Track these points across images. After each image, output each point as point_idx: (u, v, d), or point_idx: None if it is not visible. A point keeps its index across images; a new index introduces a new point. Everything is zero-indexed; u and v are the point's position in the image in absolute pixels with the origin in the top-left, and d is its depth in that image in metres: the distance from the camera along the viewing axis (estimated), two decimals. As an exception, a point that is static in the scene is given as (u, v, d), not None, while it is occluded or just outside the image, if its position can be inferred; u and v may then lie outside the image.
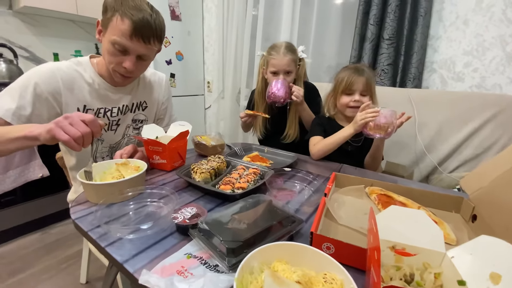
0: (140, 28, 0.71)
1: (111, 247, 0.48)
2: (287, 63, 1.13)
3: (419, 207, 0.60)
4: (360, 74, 1.01)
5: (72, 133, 0.56)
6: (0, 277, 1.29)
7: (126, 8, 0.70)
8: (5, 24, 1.71)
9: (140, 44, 0.73)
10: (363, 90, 1.01)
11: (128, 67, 0.75)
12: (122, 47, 0.73)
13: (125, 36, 0.71)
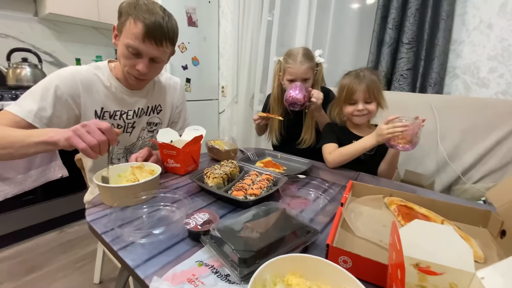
0: (153, 30, 0.72)
1: (124, 251, 0.48)
2: (305, 71, 1.11)
3: (442, 221, 0.56)
4: (361, 81, 0.96)
5: (89, 141, 0.57)
6: (19, 273, 1.33)
7: (139, 12, 0.72)
8: (31, 30, 1.80)
9: (153, 46, 0.75)
10: (366, 98, 0.97)
11: (141, 70, 0.77)
12: (135, 50, 0.74)
13: (138, 39, 0.73)
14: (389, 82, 1.49)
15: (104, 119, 0.85)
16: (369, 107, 0.98)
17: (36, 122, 0.71)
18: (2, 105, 1.32)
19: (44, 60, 1.84)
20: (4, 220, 1.45)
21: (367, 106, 0.98)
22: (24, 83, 1.56)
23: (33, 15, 1.80)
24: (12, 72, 1.55)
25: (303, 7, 1.74)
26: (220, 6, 2.28)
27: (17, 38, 1.75)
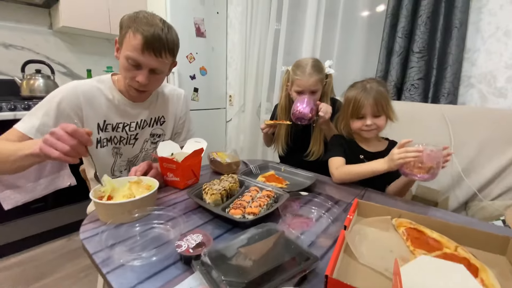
0: (151, 42, 0.73)
1: (112, 274, 0.46)
2: (313, 83, 1.08)
3: (456, 247, 0.51)
4: (368, 94, 0.91)
5: (61, 148, 0.55)
6: (27, 281, 1.34)
7: (139, 24, 0.72)
8: (46, 42, 1.87)
9: (152, 57, 0.75)
10: (374, 112, 0.92)
11: (141, 81, 0.77)
12: (135, 62, 0.75)
13: (137, 51, 0.73)
14: (399, 92, 1.44)
15: (107, 132, 0.85)
16: (378, 122, 0.93)
17: (38, 137, 0.71)
18: (15, 115, 1.36)
19: (57, 71, 1.90)
20: (15, 227, 1.48)
21: (376, 121, 0.93)
22: (37, 94, 1.61)
23: (48, 27, 1.87)
24: (26, 83, 1.60)
25: (310, 16, 1.73)
26: (228, 16, 2.31)
27: (33, 50, 1.81)
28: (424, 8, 1.25)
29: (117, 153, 0.90)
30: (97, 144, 0.86)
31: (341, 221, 0.62)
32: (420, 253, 0.50)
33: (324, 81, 1.13)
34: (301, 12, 1.86)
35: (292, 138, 1.26)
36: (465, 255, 0.48)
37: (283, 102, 1.24)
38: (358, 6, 1.59)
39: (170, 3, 1.84)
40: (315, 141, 1.19)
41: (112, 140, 0.88)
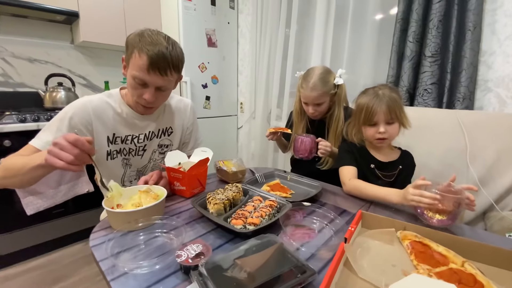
0: (156, 61, 0.75)
1: (116, 281, 0.48)
2: (316, 97, 1.10)
3: (463, 262, 0.49)
4: (381, 101, 0.89)
5: (65, 158, 0.58)
6: (46, 283, 1.41)
7: (143, 44, 0.75)
8: (68, 56, 1.99)
9: (157, 76, 0.77)
10: (387, 119, 0.89)
11: (148, 99, 0.80)
12: (141, 81, 0.78)
13: (143, 71, 0.76)
14: (412, 97, 1.41)
15: (116, 144, 0.89)
16: (391, 129, 0.90)
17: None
18: (38, 125, 1.45)
19: (78, 83, 2.01)
20: (37, 231, 1.56)
21: (389, 128, 0.90)
22: (59, 105, 1.71)
23: (70, 42, 1.99)
24: (49, 95, 1.71)
25: (319, 23, 1.73)
26: (239, 26, 2.35)
27: (56, 64, 1.94)
28: (436, 12, 1.22)
29: (126, 164, 0.94)
30: (107, 156, 0.89)
31: (343, 232, 0.61)
32: (424, 268, 0.49)
33: (332, 92, 1.13)
34: (310, 19, 1.87)
35: None
36: (471, 271, 0.46)
37: (297, 106, 1.26)
38: (367, 11, 1.58)
39: (182, 16, 1.91)
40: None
41: (122, 152, 0.91)
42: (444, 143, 1.19)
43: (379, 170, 0.96)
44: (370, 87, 0.97)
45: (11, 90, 1.79)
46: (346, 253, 0.50)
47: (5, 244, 1.46)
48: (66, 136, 0.60)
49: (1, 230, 1.44)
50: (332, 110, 1.18)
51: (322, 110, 1.15)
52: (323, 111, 1.16)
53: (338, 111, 1.16)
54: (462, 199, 0.64)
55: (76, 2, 1.70)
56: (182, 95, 2.03)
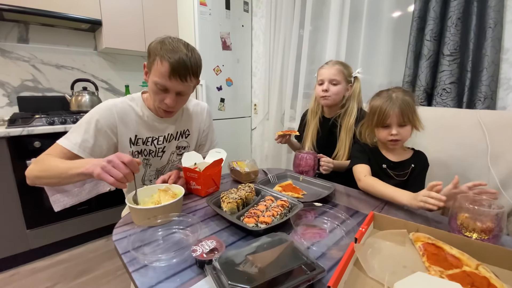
0: (177, 68, 0.79)
1: (137, 273, 0.51)
2: (334, 72, 1.15)
3: (477, 265, 0.48)
4: (394, 104, 0.90)
5: (116, 175, 0.64)
6: (70, 276, 1.50)
7: (165, 51, 0.79)
8: (91, 62, 2.11)
9: (178, 82, 0.81)
10: (400, 122, 0.90)
11: (169, 104, 0.84)
12: (163, 87, 0.82)
13: (164, 77, 0.80)
14: (430, 97, 1.37)
15: (138, 145, 0.94)
16: (403, 132, 0.91)
17: (81, 153, 0.81)
18: (65, 127, 1.55)
19: (101, 87, 2.12)
20: (63, 227, 1.66)
21: (401, 130, 0.91)
22: (84, 108, 1.81)
23: (93, 49, 2.11)
24: (75, 99, 1.82)
25: (333, 22, 1.73)
26: (253, 28, 2.39)
27: (81, 70, 2.06)
28: (454, 10, 1.19)
29: (147, 164, 0.99)
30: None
31: (355, 233, 0.62)
32: (436, 270, 0.49)
33: (348, 78, 1.18)
34: (324, 20, 1.87)
35: (318, 142, 1.28)
36: (486, 274, 0.46)
37: (312, 104, 1.31)
38: (383, 10, 1.56)
39: (198, 20, 1.97)
40: (341, 146, 1.20)
41: (143, 152, 0.96)
42: (464, 144, 1.16)
43: (391, 170, 0.96)
44: (384, 90, 0.98)
45: (40, 94, 1.92)
46: (356, 253, 0.51)
47: (35, 238, 1.57)
48: (120, 156, 0.66)
49: (32, 225, 1.54)
50: (346, 106, 1.21)
51: (335, 92, 1.16)
52: (335, 93, 1.17)
53: (352, 106, 1.19)
54: (502, 213, 0.57)
55: (99, 11, 1.80)
56: (198, 98, 2.09)
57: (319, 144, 1.28)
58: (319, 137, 1.28)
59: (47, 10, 1.63)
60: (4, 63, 1.77)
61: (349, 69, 1.19)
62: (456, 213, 0.62)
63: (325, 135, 1.27)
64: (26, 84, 1.86)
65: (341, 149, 1.19)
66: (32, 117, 1.53)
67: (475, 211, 0.59)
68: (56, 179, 0.76)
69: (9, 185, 1.44)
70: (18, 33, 1.80)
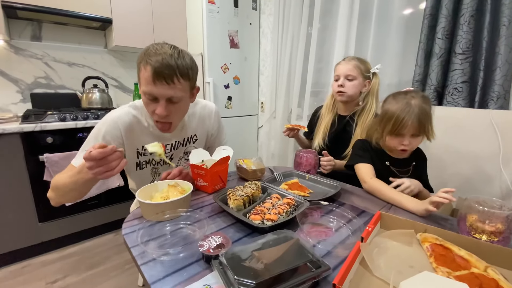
0: (160, 70, 0.71)
1: (145, 266, 0.53)
2: (350, 67, 1.14)
3: (486, 267, 0.48)
4: (412, 113, 0.84)
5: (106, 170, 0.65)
6: (80, 269, 1.54)
7: (147, 56, 0.73)
8: (101, 60, 2.15)
9: (164, 86, 0.74)
10: (415, 132, 0.87)
11: (160, 113, 0.77)
12: (151, 95, 0.76)
13: (149, 83, 0.73)
14: (440, 96, 1.35)
15: (145, 155, 0.94)
16: (415, 142, 0.89)
17: None
18: (76, 124, 1.58)
19: (111, 85, 2.16)
20: (73, 221, 1.71)
21: (413, 140, 0.89)
22: (94, 105, 1.85)
23: (104, 47, 2.14)
24: (86, 96, 1.85)
25: (342, 19, 1.71)
26: (261, 26, 2.38)
27: (91, 67, 2.09)
28: (467, 7, 1.16)
29: (155, 173, 1.00)
30: (137, 167, 0.95)
31: (361, 232, 0.61)
32: (444, 271, 0.48)
33: (365, 74, 1.16)
34: (333, 17, 1.85)
35: (330, 137, 1.26)
36: (494, 276, 0.45)
37: (328, 100, 1.32)
38: (393, 8, 1.53)
39: (206, 18, 1.98)
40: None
41: (151, 162, 0.97)
42: (475, 144, 1.13)
43: (394, 167, 0.96)
44: (402, 92, 0.92)
45: (53, 91, 1.96)
46: (362, 252, 0.51)
47: (46, 232, 1.62)
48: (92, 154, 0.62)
49: (44, 219, 1.59)
50: (364, 103, 1.19)
51: (351, 88, 1.14)
52: (351, 89, 1.15)
53: (370, 103, 1.17)
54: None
55: (110, 10, 1.83)
56: (205, 96, 2.10)
57: (330, 141, 1.25)
58: (330, 134, 1.26)
59: (60, 9, 1.66)
60: (18, 60, 1.82)
61: (367, 64, 1.18)
62: (466, 215, 0.61)
63: (338, 132, 1.24)
64: (39, 81, 1.91)
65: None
66: (44, 114, 1.57)
67: (485, 213, 0.58)
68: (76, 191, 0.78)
69: (22, 179, 1.48)
70: (31, 31, 1.84)
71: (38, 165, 1.49)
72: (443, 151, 1.19)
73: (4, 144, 1.40)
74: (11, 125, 1.42)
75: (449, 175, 1.21)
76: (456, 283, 0.31)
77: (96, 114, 1.69)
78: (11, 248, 1.52)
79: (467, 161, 1.15)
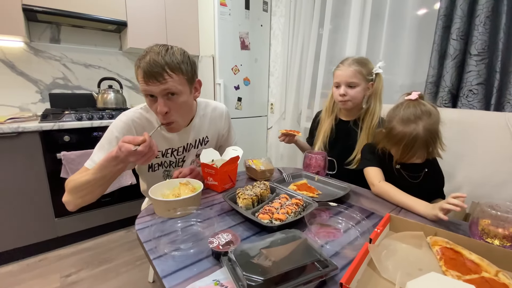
0: (149, 70, 0.74)
1: (157, 260, 0.55)
2: (351, 74, 1.06)
3: (497, 272, 0.47)
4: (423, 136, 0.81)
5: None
6: (93, 264, 1.59)
7: (139, 60, 0.77)
8: (116, 61, 2.22)
9: (155, 83, 0.76)
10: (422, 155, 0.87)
11: (160, 110, 0.79)
12: (147, 94, 0.79)
13: (143, 84, 0.77)
14: (455, 98, 1.32)
15: (158, 158, 0.96)
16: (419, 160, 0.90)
17: None
18: (91, 123, 1.64)
19: (125, 86, 2.22)
20: (87, 217, 1.77)
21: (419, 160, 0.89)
22: (109, 105, 1.91)
23: (119, 49, 2.21)
24: (101, 96, 1.92)
25: (354, 20, 1.70)
26: (272, 28, 2.40)
27: (106, 69, 2.16)
28: (482, 8, 1.13)
29: (167, 175, 1.02)
30: (149, 168, 0.97)
31: (370, 234, 0.62)
32: (453, 275, 0.48)
33: (368, 77, 1.09)
34: (344, 18, 1.84)
35: (330, 143, 1.20)
36: (505, 281, 0.45)
37: (327, 103, 1.25)
38: (406, 8, 1.51)
39: (218, 21, 2.01)
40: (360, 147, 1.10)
41: (163, 164, 0.99)
42: (490, 148, 1.10)
43: (404, 170, 0.94)
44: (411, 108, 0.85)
45: (70, 92, 2.04)
46: (370, 253, 0.51)
47: (62, 227, 1.68)
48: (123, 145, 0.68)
49: (60, 214, 1.65)
50: (367, 105, 1.13)
51: (354, 95, 1.08)
52: (355, 97, 1.08)
53: (374, 105, 1.11)
54: None
55: (125, 13, 1.89)
56: (216, 97, 2.13)
57: (332, 146, 1.20)
58: (332, 139, 1.20)
59: (78, 12, 1.73)
60: (38, 61, 1.90)
61: (369, 66, 1.09)
62: (478, 219, 0.61)
63: (340, 137, 1.19)
64: (57, 82, 1.98)
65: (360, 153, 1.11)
66: (62, 113, 1.64)
67: (498, 217, 0.57)
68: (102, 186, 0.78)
69: (41, 175, 1.55)
70: (50, 33, 1.92)
71: (56, 162, 1.56)
72: (457, 155, 1.17)
73: (24, 142, 1.47)
74: (31, 124, 1.49)
75: (462, 178, 1.18)
76: (464, 284, 0.31)
77: (111, 114, 1.75)
78: (29, 242, 1.59)
79: (481, 165, 1.12)
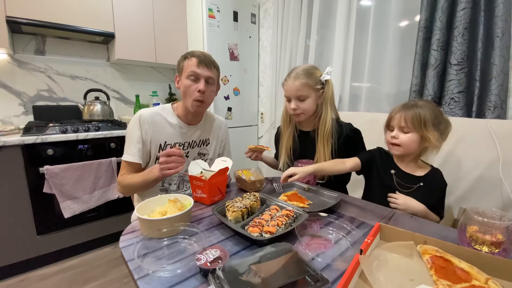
0: (203, 59, 1.01)
1: (141, 280, 0.52)
2: (298, 87, 1.03)
3: (487, 280, 0.47)
4: (403, 109, 0.90)
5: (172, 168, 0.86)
6: (77, 283, 1.51)
7: (187, 54, 1.03)
8: (104, 73, 2.19)
9: (205, 69, 1.00)
10: (402, 125, 0.90)
11: (202, 88, 0.99)
12: (194, 75, 1.00)
13: (194, 67, 0.99)
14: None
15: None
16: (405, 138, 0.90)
17: (137, 160, 1.01)
18: (77, 136, 1.59)
19: (112, 97, 2.19)
20: (72, 234, 1.69)
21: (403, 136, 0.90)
22: (95, 117, 1.87)
23: (106, 60, 2.19)
24: (87, 108, 1.87)
25: (340, 31, 1.74)
26: (260, 39, 2.43)
27: (93, 80, 2.13)
28: (461, 19, 1.19)
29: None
30: (156, 160, 1.05)
31: (360, 244, 0.61)
32: (444, 284, 0.48)
33: (316, 87, 1.06)
34: (330, 29, 1.89)
35: (294, 155, 1.18)
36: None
37: (283, 115, 1.22)
38: (389, 20, 1.57)
39: (207, 32, 2.02)
40: (320, 157, 1.08)
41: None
42: (474, 154, 1.13)
43: (399, 178, 0.94)
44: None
45: (55, 104, 1.99)
46: (361, 265, 0.50)
47: (44, 244, 1.60)
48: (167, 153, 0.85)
49: (42, 231, 1.58)
50: (319, 113, 1.10)
51: (306, 108, 1.06)
52: (307, 109, 1.07)
53: (325, 113, 1.08)
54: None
55: (112, 24, 1.88)
56: (206, 107, 2.13)
57: (296, 158, 1.16)
58: (295, 150, 1.18)
59: (65, 24, 1.71)
60: (21, 73, 1.85)
61: (316, 75, 1.06)
62: (466, 225, 0.61)
63: (304, 149, 1.16)
64: (41, 94, 1.93)
65: (320, 161, 1.07)
66: (46, 126, 1.59)
67: (485, 224, 0.57)
68: (143, 188, 1.01)
69: (22, 191, 1.48)
70: (35, 45, 1.89)
71: (38, 177, 1.50)
72: (442, 161, 1.19)
73: (5, 156, 1.41)
74: (12, 138, 1.43)
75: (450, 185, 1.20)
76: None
77: (97, 125, 1.71)
78: (9, 261, 1.50)
79: (466, 171, 1.14)
